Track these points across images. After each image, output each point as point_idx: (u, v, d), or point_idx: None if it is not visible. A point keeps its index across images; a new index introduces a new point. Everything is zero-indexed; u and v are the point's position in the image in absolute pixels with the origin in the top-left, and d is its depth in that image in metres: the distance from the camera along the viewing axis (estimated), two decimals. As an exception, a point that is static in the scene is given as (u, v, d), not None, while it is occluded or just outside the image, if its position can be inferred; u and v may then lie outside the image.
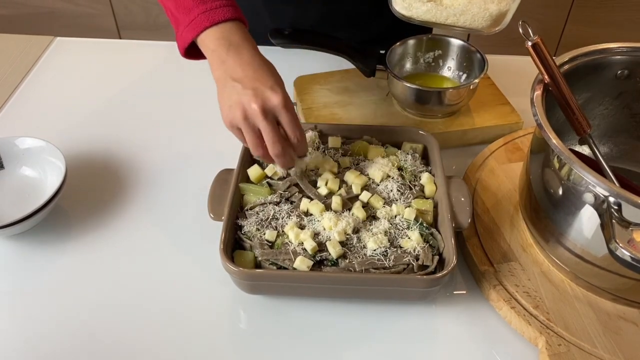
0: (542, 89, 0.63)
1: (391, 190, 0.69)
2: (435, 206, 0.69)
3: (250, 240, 0.65)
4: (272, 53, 1.03)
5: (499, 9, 0.68)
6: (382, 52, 0.87)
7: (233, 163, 0.72)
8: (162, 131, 0.89)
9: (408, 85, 0.83)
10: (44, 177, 0.77)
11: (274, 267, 0.62)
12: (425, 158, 0.76)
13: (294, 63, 0.99)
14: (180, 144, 0.87)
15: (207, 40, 0.66)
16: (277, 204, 0.68)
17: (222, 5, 0.66)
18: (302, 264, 0.61)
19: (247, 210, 0.68)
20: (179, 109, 0.94)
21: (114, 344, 0.62)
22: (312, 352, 0.62)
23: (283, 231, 0.65)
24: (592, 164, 0.58)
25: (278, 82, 0.64)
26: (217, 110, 0.93)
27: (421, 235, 0.64)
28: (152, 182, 0.81)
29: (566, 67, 0.66)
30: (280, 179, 0.72)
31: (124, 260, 0.71)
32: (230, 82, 0.63)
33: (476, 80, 0.83)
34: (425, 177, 0.71)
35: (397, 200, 0.69)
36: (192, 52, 0.70)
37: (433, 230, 0.66)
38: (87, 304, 0.66)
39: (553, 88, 0.63)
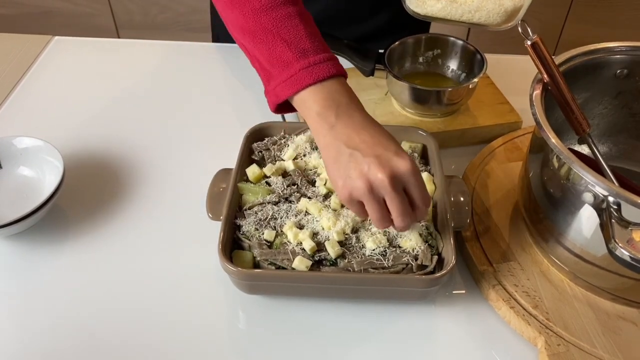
0: (541, 88, 0.63)
1: (390, 190, 0.69)
2: (435, 206, 0.69)
3: (249, 240, 0.65)
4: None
5: (514, 4, 0.68)
6: (381, 51, 0.87)
7: (231, 163, 0.72)
8: (161, 130, 0.89)
9: (407, 84, 0.83)
10: (42, 176, 0.77)
11: (273, 267, 0.62)
12: (425, 157, 0.76)
13: (293, 62, 0.99)
14: (178, 143, 0.87)
15: (310, 100, 0.59)
16: (276, 203, 0.68)
17: (325, 60, 0.59)
18: (300, 263, 0.61)
19: (245, 210, 0.68)
20: (178, 109, 0.94)
21: (113, 344, 0.62)
22: (311, 352, 0.62)
23: (282, 231, 0.65)
24: (592, 163, 0.58)
25: (399, 146, 0.57)
26: (217, 109, 0.93)
27: (420, 235, 0.64)
28: (151, 182, 0.81)
29: (565, 66, 0.66)
30: (284, 174, 0.71)
31: (122, 260, 0.71)
32: (346, 150, 0.56)
33: (475, 80, 0.83)
34: (424, 177, 0.71)
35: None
36: (282, 105, 0.63)
37: (432, 230, 0.66)
38: (86, 303, 0.66)
39: (552, 87, 0.63)
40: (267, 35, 0.60)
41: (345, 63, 0.88)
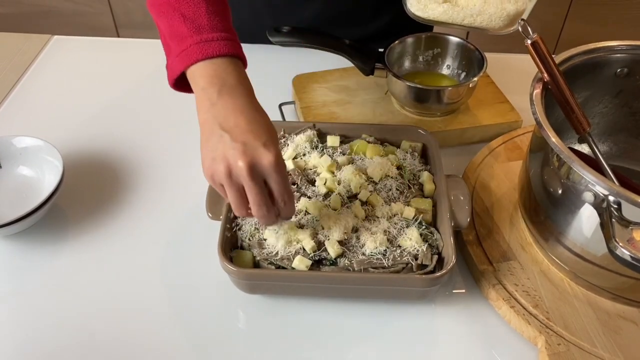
0: (541, 87, 0.63)
1: (390, 189, 0.69)
2: (435, 205, 0.69)
3: (249, 239, 0.64)
4: (271, 52, 1.03)
5: (516, 8, 0.68)
6: (381, 50, 0.87)
7: (231, 162, 0.72)
8: (160, 130, 0.89)
9: (407, 83, 0.82)
10: (42, 176, 0.77)
11: (273, 267, 0.62)
12: (425, 157, 0.76)
13: (293, 61, 0.99)
14: (178, 142, 0.87)
15: (198, 75, 0.59)
16: (276, 203, 0.68)
17: (220, 38, 0.59)
18: (300, 263, 0.61)
19: (245, 209, 0.68)
20: (178, 108, 0.93)
21: (112, 344, 0.62)
22: (311, 352, 0.62)
23: (282, 230, 0.65)
24: (592, 162, 0.58)
25: (272, 137, 0.57)
26: (216, 109, 0.93)
27: (420, 234, 0.64)
28: (150, 181, 0.81)
29: (565, 65, 0.66)
30: None
31: (121, 260, 0.71)
32: (218, 131, 0.56)
33: (475, 79, 0.83)
34: (424, 176, 0.71)
35: (396, 199, 0.68)
36: (182, 84, 0.63)
37: (432, 229, 0.66)
38: (85, 303, 0.66)
39: (552, 86, 0.63)
40: (169, 9, 0.61)
41: (345, 62, 0.88)
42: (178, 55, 0.60)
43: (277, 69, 1.00)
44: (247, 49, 1.11)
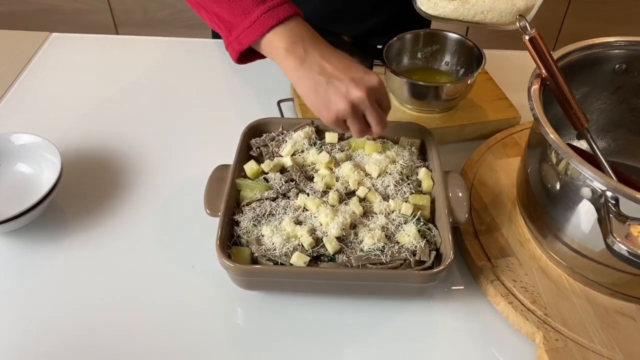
0: (539, 83, 0.63)
1: (388, 186, 0.69)
2: (433, 201, 0.69)
3: (247, 236, 0.64)
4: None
5: (526, 3, 0.68)
6: (379, 47, 0.87)
7: (230, 159, 0.72)
8: (159, 127, 0.89)
9: (405, 80, 0.82)
10: (40, 173, 0.77)
11: (271, 263, 0.62)
12: (423, 153, 0.76)
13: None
14: (176, 139, 0.87)
15: (276, 40, 0.63)
16: (274, 199, 0.68)
17: (282, 2, 0.64)
18: (298, 259, 0.61)
19: (243, 206, 0.68)
20: (176, 105, 0.94)
21: (111, 341, 0.62)
22: (309, 348, 0.62)
23: (280, 227, 0.65)
24: (590, 158, 0.58)
25: (363, 66, 0.64)
26: (214, 105, 0.93)
27: (418, 230, 0.64)
28: (149, 178, 0.81)
29: (564, 61, 0.66)
30: (282, 170, 0.72)
31: (120, 257, 0.71)
32: (322, 79, 0.62)
33: (474, 75, 0.82)
34: (422, 173, 0.71)
35: (394, 195, 0.68)
36: (244, 55, 0.68)
37: (430, 225, 0.66)
38: (84, 300, 0.66)
39: (550, 82, 0.63)
40: None
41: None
42: (248, 28, 0.64)
43: (275, 66, 0.99)
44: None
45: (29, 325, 0.64)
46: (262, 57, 0.68)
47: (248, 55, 0.68)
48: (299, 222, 0.65)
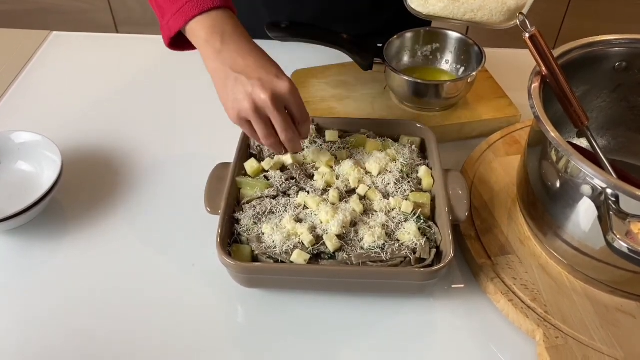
0: (539, 81, 0.63)
1: (388, 184, 0.69)
2: (433, 199, 0.69)
3: (248, 234, 0.65)
4: (269, 46, 1.03)
5: (516, 2, 0.68)
6: (380, 45, 0.87)
7: (230, 157, 0.72)
8: (159, 125, 0.89)
9: (406, 78, 0.82)
10: (40, 171, 0.77)
11: (271, 261, 0.62)
12: (423, 151, 0.76)
13: (291, 57, 0.98)
14: (177, 138, 0.87)
15: (198, 29, 0.64)
16: (274, 197, 0.68)
17: None
18: (299, 257, 0.61)
19: (244, 204, 0.68)
20: (176, 103, 0.94)
21: (110, 339, 0.62)
22: (310, 346, 0.62)
23: (280, 224, 0.65)
24: (590, 156, 0.58)
25: (280, 69, 0.63)
26: (215, 104, 0.93)
27: (419, 228, 0.64)
28: (149, 177, 0.81)
29: (564, 59, 0.66)
30: (282, 168, 0.71)
31: (120, 255, 0.71)
32: (232, 74, 0.61)
33: (474, 74, 0.83)
34: (422, 171, 0.71)
35: (394, 193, 0.68)
36: (177, 42, 0.68)
37: (430, 223, 0.66)
38: (84, 298, 0.66)
39: (551, 80, 0.63)
40: None
41: (344, 58, 0.88)
42: (175, 14, 0.64)
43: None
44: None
45: (29, 323, 0.64)
46: (194, 47, 0.68)
47: (182, 42, 0.68)
48: (299, 220, 0.65)
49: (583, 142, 0.73)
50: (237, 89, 0.61)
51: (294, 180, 0.70)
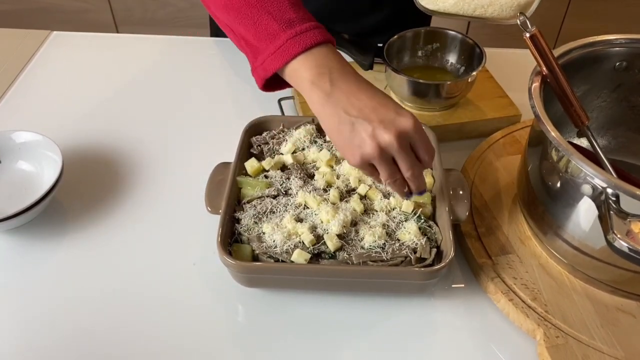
0: (540, 80, 0.63)
1: (389, 183, 0.69)
2: (433, 199, 0.69)
3: (248, 233, 0.65)
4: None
5: None
6: (380, 45, 0.87)
7: (230, 157, 0.72)
8: (160, 125, 0.89)
9: (406, 78, 0.82)
10: (41, 171, 0.77)
11: (272, 260, 0.62)
12: (423, 151, 0.76)
13: (292, 56, 0.98)
14: (177, 137, 0.87)
15: (301, 69, 0.58)
16: (275, 197, 0.68)
17: (312, 28, 0.59)
18: (299, 256, 0.61)
19: (244, 203, 0.68)
20: (177, 103, 0.94)
21: (111, 338, 0.62)
22: (310, 345, 0.62)
23: (281, 224, 0.65)
24: (590, 156, 0.58)
25: (398, 104, 0.58)
26: (215, 103, 0.93)
27: (419, 228, 0.64)
28: (150, 176, 0.81)
29: (564, 59, 0.66)
30: (282, 168, 0.71)
31: (121, 254, 0.71)
32: (347, 118, 0.56)
33: (474, 73, 0.83)
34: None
35: (395, 193, 0.69)
36: (271, 83, 0.63)
37: (431, 223, 0.66)
38: (84, 298, 0.66)
39: (551, 80, 0.63)
40: (252, 10, 0.60)
41: (344, 57, 0.88)
42: (273, 54, 0.59)
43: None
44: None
45: (29, 323, 0.64)
46: (290, 85, 0.62)
47: (276, 82, 0.63)
48: (299, 220, 0.66)
49: (583, 142, 0.73)
50: (355, 133, 0.56)
51: (294, 180, 0.70)
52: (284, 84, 0.63)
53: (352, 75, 0.59)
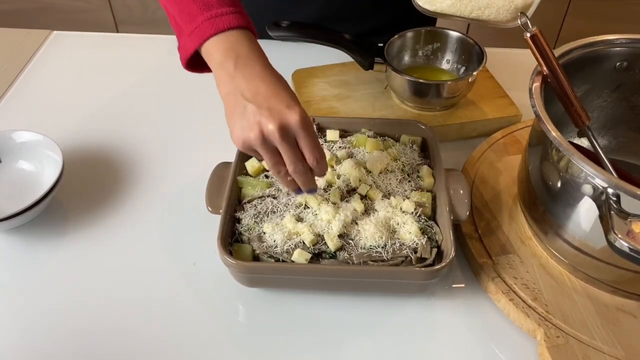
0: (540, 80, 0.63)
1: (389, 183, 0.69)
2: (434, 199, 0.69)
3: (249, 233, 0.65)
4: (270, 47, 1.03)
5: (524, 0, 0.67)
6: (381, 45, 0.87)
7: (231, 156, 0.72)
8: (160, 124, 0.89)
9: (406, 78, 0.82)
10: (41, 170, 0.77)
11: (272, 260, 0.62)
12: (424, 151, 0.76)
13: (292, 56, 0.98)
14: (178, 136, 0.87)
15: (213, 50, 0.60)
16: (275, 197, 0.68)
17: (229, 12, 0.61)
18: (300, 256, 0.61)
19: (245, 203, 0.68)
20: (177, 102, 0.94)
21: (111, 338, 0.62)
22: (311, 345, 0.62)
23: (281, 224, 0.65)
24: (591, 156, 0.58)
25: (294, 98, 0.59)
26: (214, 103, 0.93)
27: (420, 228, 0.64)
28: (150, 175, 0.81)
29: (565, 58, 0.66)
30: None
31: (121, 255, 0.71)
32: (242, 101, 0.58)
33: (475, 73, 0.83)
34: (423, 170, 0.71)
35: (395, 192, 0.69)
36: (196, 63, 0.65)
37: (431, 222, 0.66)
38: (84, 298, 0.66)
39: (552, 79, 0.63)
40: None
41: (344, 57, 0.88)
42: (190, 34, 0.61)
43: (276, 64, 0.99)
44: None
45: (30, 322, 0.64)
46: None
47: (201, 64, 0.64)
48: (300, 220, 0.65)
49: (584, 142, 0.73)
50: (245, 117, 0.58)
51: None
52: (206, 67, 0.64)
53: (258, 63, 0.60)
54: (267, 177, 0.71)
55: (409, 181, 0.70)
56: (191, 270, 0.69)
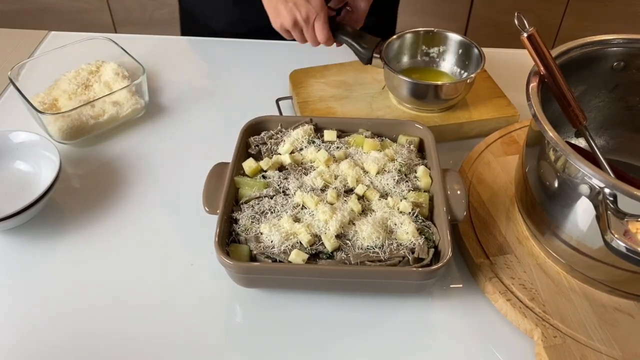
0: (537, 81, 0.63)
1: (387, 183, 0.69)
2: (431, 199, 0.69)
3: (246, 233, 0.64)
4: (268, 47, 1.03)
5: None
6: (380, 38, 0.86)
7: (228, 157, 0.72)
8: (157, 125, 0.89)
9: (405, 79, 0.82)
10: (38, 171, 0.77)
11: (269, 261, 0.62)
12: (421, 151, 0.76)
13: (290, 56, 0.99)
14: (175, 137, 0.87)
15: None
16: (272, 197, 0.68)
17: None
18: (297, 257, 0.61)
19: (242, 203, 0.68)
20: (175, 102, 0.94)
21: (110, 337, 0.62)
22: (308, 345, 0.62)
23: (279, 224, 0.65)
24: (588, 156, 0.58)
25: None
26: (214, 104, 0.93)
27: (417, 228, 0.64)
28: (147, 176, 0.81)
29: (562, 59, 0.66)
30: (280, 168, 0.72)
31: (118, 254, 0.71)
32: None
33: (473, 75, 0.83)
34: (421, 170, 0.71)
35: (392, 193, 0.69)
36: None
37: (429, 223, 0.66)
38: (82, 298, 0.66)
39: (549, 79, 0.63)
40: None
41: (342, 58, 0.88)
42: None
43: (274, 64, 1.00)
44: (246, 45, 1.11)
45: (27, 323, 0.64)
46: None
47: None
48: (297, 220, 0.65)
49: (581, 142, 0.74)
50: (280, 7, 0.81)
51: (292, 180, 0.70)
52: None
53: None
54: (264, 177, 0.71)
55: (407, 181, 0.70)
56: (188, 270, 0.69)
